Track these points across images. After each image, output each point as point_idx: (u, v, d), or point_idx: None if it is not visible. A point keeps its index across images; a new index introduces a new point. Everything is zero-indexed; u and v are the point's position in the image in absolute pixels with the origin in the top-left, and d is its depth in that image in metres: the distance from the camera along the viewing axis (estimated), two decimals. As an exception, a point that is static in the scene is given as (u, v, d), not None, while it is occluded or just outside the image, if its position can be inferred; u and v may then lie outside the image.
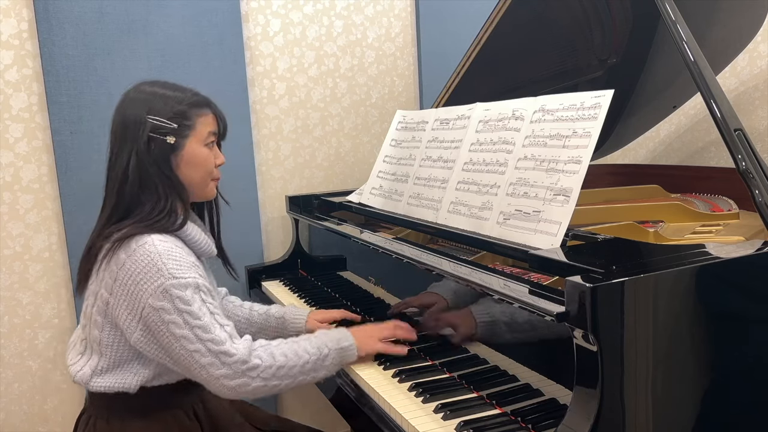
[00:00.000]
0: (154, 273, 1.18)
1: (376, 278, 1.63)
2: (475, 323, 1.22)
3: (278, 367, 1.24)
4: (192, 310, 1.18)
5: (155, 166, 1.25)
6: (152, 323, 1.19)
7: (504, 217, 1.29)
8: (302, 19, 2.25)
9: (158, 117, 1.26)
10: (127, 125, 1.26)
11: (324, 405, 2.24)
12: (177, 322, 1.18)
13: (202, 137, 1.31)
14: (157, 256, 1.19)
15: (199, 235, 1.33)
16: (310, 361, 1.27)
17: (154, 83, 1.32)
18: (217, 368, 1.19)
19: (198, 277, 1.22)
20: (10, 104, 1.91)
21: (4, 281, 1.96)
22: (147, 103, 1.27)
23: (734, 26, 1.82)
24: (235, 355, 1.20)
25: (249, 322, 1.61)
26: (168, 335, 1.19)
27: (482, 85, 1.89)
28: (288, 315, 1.60)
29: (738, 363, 1.02)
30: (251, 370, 1.21)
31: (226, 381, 1.20)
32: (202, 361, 1.19)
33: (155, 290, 1.18)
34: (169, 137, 1.27)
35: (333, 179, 2.38)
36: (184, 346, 1.19)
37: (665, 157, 2.45)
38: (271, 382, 1.24)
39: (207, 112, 1.33)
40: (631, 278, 0.90)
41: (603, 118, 1.20)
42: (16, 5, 1.89)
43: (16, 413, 2.02)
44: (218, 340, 1.19)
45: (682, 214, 1.51)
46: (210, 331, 1.19)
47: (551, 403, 1.04)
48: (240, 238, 2.20)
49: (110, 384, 1.25)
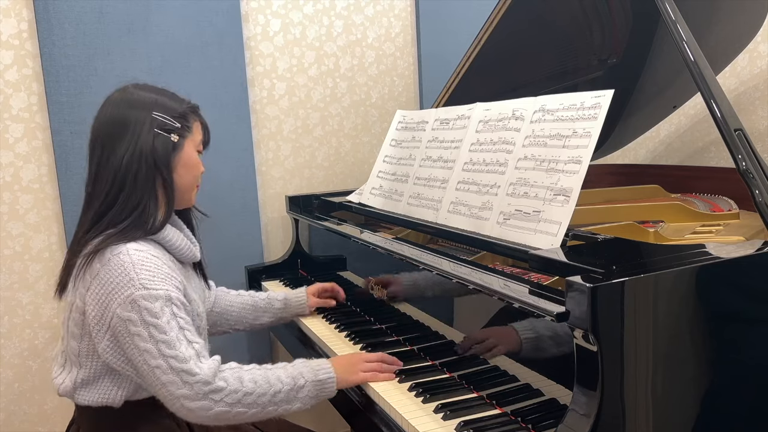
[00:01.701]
0: (126, 283, 1.14)
1: (376, 278, 1.63)
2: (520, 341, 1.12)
3: (245, 393, 1.17)
4: (158, 324, 1.13)
5: (154, 163, 1.23)
6: (119, 334, 1.16)
7: (504, 217, 1.29)
8: (302, 19, 2.26)
9: (165, 114, 1.26)
10: (128, 120, 1.23)
11: (324, 405, 2.24)
12: (142, 334, 1.13)
13: (196, 142, 1.32)
14: (130, 266, 1.15)
15: (180, 240, 1.30)
16: (282, 390, 1.21)
17: (143, 87, 1.30)
18: (178, 387, 1.13)
19: (171, 289, 1.18)
20: (10, 104, 1.91)
21: (4, 281, 1.96)
22: (153, 100, 1.27)
23: (734, 26, 1.82)
24: (197, 374, 1.13)
25: (254, 307, 1.64)
26: (133, 348, 1.15)
27: (482, 85, 1.89)
28: (290, 295, 1.70)
29: (738, 363, 1.02)
30: (214, 392, 1.15)
31: (186, 402, 1.13)
32: (162, 378, 1.13)
33: (124, 300, 1.14)
34: (174, 135, 1.26)
35: (333, 179, 2.38)
36: (146, 361, 1.14)
37: (665, 157, 2.45)
38: (235, 409, 1.16)
39: (198, 119, 1.34)
40: (631, 278, 0.90)
41: (603, 118, 1.20)
42: (16, 5, 1.89)
43: (16, 413, 2.02)
44: (182, 358, 1.13)
45: (682, 214, 1.51)
46: (174, 347, 1.13)
47: (551, 403, 1.04)
48: (240, 238, 2.20)
49: (94, 399, 1.23)
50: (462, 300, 1.29)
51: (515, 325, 1.11)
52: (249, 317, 1.65)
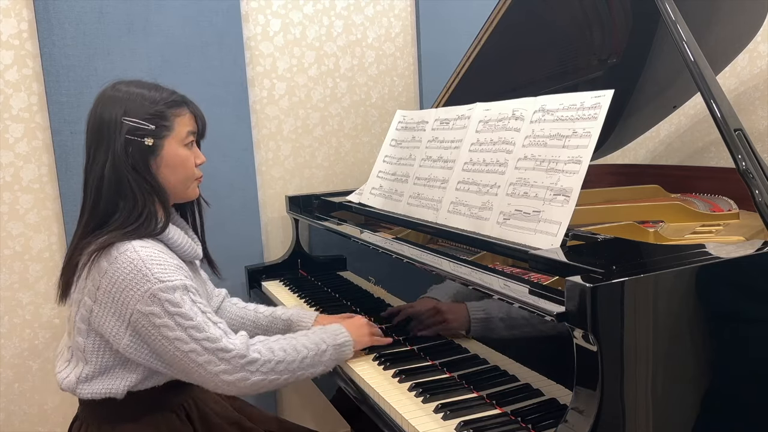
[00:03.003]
0: (140, 279, 1.16)
1: (376, 278, 1.63)
2: (469, 318, 1.23)
3: (277, 361, 1.25)
4: (183, 312, 1.17)
5: (133, 169, 1.22)
6: (142, 329, 1.18)
7: (504, 217, 1.29)
8: (302, 19, 2.26)
9: (135, 119, 1.22)
10: (102, 127, 1.23)
11: (324, 405, 2.24)
12: (169, 324, 1.16)
13: (180, 138, 1.28)
14: (140, 262, 1.17)
15: (182, 238, 1.31)
16: (308, 356, 1.28)
17: (131, 83, 1.28)
18: (215, 365, 1.19)
19: (185, 278, 1.20)
20: (10, 104, 1.92)
21: (4, 281, 1.96)
22: (123, 103, 1.23)
23: (734, 26, 1.82)
24: (233, 350, 1.20)
25: (255, 324, 1.58)
26: (161, 339, 1.17)
27: (482, 85, 1.89)
28: (294, 317, 1.55)
29: (738, 363, 1.02)
30: (250, 364, 1.21)
31: (225, 376, 1.19)
32: (199, 360, 1.18)
33: (143, 296, 1.16)
34: (147, 139, 1.23)
35: (333, 179, 2.38)
36: (178, 348, 1.17)
37: (665, 157, 2.45)
38: (270, 377, 1.24)
39: (184, 112, 1.29)
40: (631, 278, 0.90)
41: (603, 118, 1.20)
42: (16, 5, 1.89)
43: (16, 413, 2.02)
44: (213, 338, 1.19)
45: (682, 214, 1.51)
46: (204, 330, 1.18)
47: (551, 403, 1.04)
48: (240, 238, 2.20)
49: (96, 391, 1.24)
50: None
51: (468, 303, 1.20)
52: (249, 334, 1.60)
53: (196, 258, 1.38)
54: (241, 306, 1.61)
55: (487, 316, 1.18)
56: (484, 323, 1.19)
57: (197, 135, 1.34)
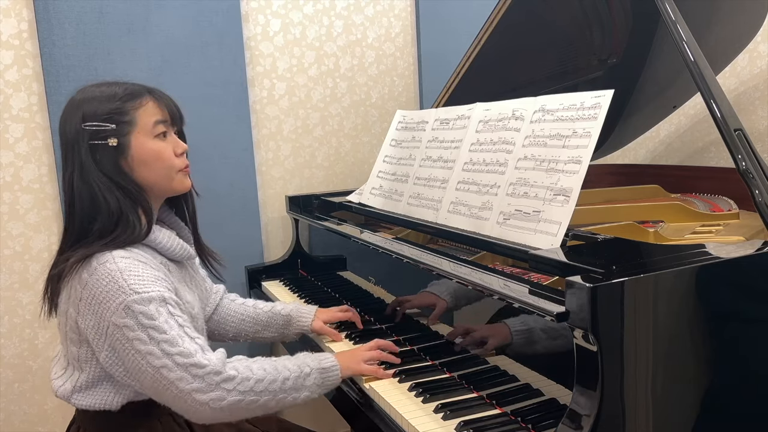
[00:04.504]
0: (116, 290, 1.11)
1: (376, 278, 1.63)
2: (511, 334, 1.14)
3: (256, 380, 1.16)
4: (157, 325, 1.10)
5: (105, 176, 1.17)
6: (116, 342, 1.12)
7: (504, 217, 1.29)
8: (302, 19, 2.26)
9: (93, 122, 1.16)
10: (65, 139, 1.19)
11: (324, 405, 2.24)
12: (141, 338, 1.10)
13: (147, 130, 1.20)
14: (117, 273, 1.11)
15: (170, 240, 1.25)
16: (290, 378, 1.20)
17: (92, 85, 1.22)
18: (188, 382, 1.10)
19: (163, 290, 1.14)
20: (10, 104, 1.92)
21: (4, 281, 1.96)
22: (80, 109, 1.18)
23: (734, 26, 1.82)
24: (206, 366, 1.11)
25: (255, 320, 1.56)
26: (133, 353, 1.11)
27: (482, 85, 1.89)
28: (294, 313, 1.56)
29: (738, 363, 1.02)
30: (226, 381, 1.13)
31: (198, 396, 1.10)
32: (170, 376, 1.10)
33: (117, 307, 1.10)
34: (111, 140, 1.17)
35: (333, 179, 2.38)
36: (150, 363, 1.10)
37: (665, 157, 2.45)
38: (248, 397, 1.15)
39: (145, 101, 1.21)
40: (631, 278, 0.90)
41: (603, 118, 1.20)
42: (16, 5, 1.89)
43: (16, 413, 2.02)
44: (186, 353, 1.11)
45: (682, 214, 1.51)
46: (177, 344, 1.11)
47: (551, 403, 1.04)
48: (240, 238, 2.20)
49: (91, 403, 1.20)
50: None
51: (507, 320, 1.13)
52: (249, 331, 1.58)
53: (189, 258, 1.33)
54: (240, 302, 1.59)
55: (527, 327, 1.09)
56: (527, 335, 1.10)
57: (170, 123, 1.24)
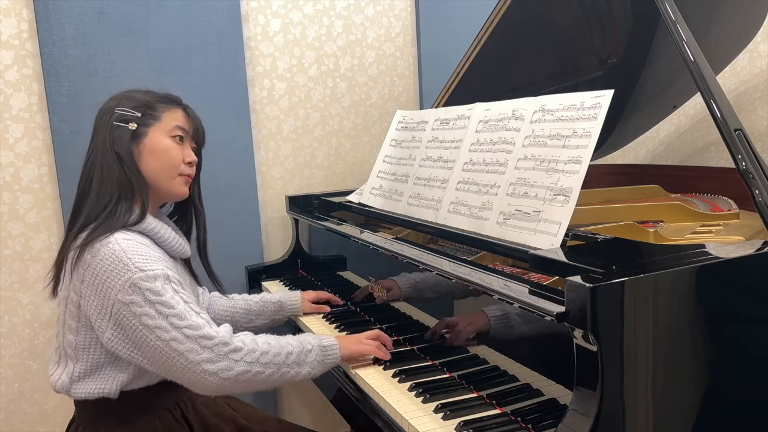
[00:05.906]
0: (121, 269, 1.15)
1: (376, 278, 1.63)
2: (489, 320, 1.19)
3: (262, 352, 1.22)
4: (164, 300, 1.16)
5: (114, 154, 1.24)
6: (123, 319, 1.16)
7: (504, 217, 1.29)
8: (302, 19, 2.26)
9: (125, 108, 1.27)
10: (97, 119, 1.29)
11: (324, 405, 2.24)
12: (149, 313, 1.15)
13: (167, 128, 1.30)
14: (121, 253, 1.16)
15: (169, 233, 1.31)
16: (293, 352, 1.26)
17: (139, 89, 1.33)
18: (197, 353, 1.15)
19: (166, 268, 1.19)
20: (10, 104, 1.92)
21: (4, 281, 1.96)
22: (118, 100, 1.29)
23: (734, 26, 1.82)
24: (215, 337, 1.17)
25: (246, 310, 1.63)
26: (141, 328, 1.15)
27: (482, 85, 1.89)
28: (284, 299, 1.69)
29: (738, 363, 1.02)
30: (234, 352, 1.18)
31: (208, 366, 1.16)
32: (180, 348, 1.15)
33: (123, 285, 1.15)
34: (131, 124, 1.26)
35: (333, 179, 2.38)
36: (159, 337, 1.15)
37: (665, 157, 2.45)
38: (254, 368, 1.20)
39: (176, 108, 1.32)
40: (631, 278, 0.90)
41: (603, 118, 1.20)
42: (16, 5, 1.89)
43: (16, 413, 2.02)
44: (195, 325, 1.16)
45: (682, 214, 1.51)
46: (185, 318, 1.16)
47: (551, 403, 1.04)
48: (240, 238, 2.20)
49: (90, 390, 1.23)
50: (462, 300, 1.29)
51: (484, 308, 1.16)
52: (242, 321, 1.64)
53: (183, 255, 1.37)
54: (227, 298, 1.64)
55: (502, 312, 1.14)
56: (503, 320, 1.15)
57: (191, 137, 1.35)
